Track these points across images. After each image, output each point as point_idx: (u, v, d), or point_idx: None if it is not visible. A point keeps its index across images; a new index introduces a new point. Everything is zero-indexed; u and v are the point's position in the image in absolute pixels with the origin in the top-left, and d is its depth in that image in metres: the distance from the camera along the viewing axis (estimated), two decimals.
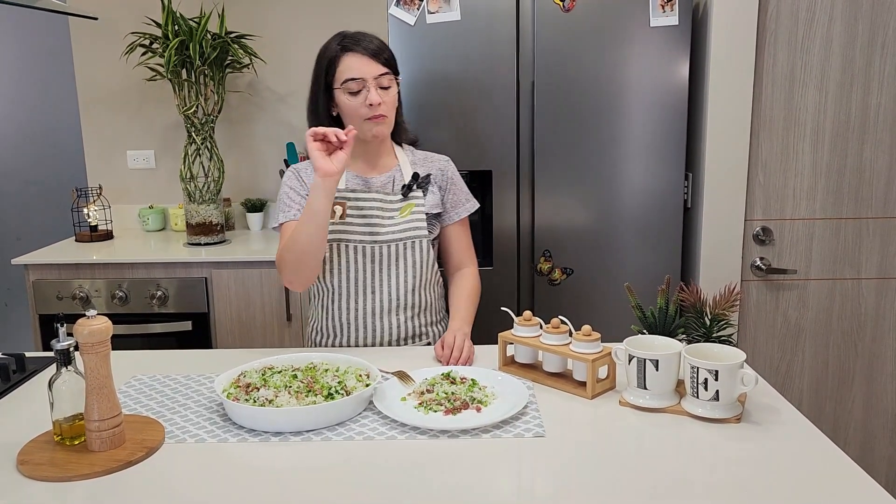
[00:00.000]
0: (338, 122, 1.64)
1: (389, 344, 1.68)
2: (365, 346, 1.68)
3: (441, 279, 1.77)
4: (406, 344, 1.69)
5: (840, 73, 2.18)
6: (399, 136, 1.74)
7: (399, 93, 1.67)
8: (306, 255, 1.53)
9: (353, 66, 1.57)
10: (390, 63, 1.61)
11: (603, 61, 2.16)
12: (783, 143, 2.22)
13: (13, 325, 3.61)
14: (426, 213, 1.68)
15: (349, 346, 1.69)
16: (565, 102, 2.19)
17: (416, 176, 1.67)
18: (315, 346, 1.75)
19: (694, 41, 2.21)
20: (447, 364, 1.47)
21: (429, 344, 1.71)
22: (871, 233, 2.26)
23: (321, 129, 1.46)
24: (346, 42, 1.59)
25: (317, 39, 2.77)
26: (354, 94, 1.58)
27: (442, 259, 1.79)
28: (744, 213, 2.24)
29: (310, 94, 1.66)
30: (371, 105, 1.56)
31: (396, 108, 1.67)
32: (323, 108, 1.64)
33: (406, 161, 1.71)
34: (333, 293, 1.68)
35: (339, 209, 1.64)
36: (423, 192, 1.68)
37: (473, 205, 1.78)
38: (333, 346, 1.71)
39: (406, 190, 1.66)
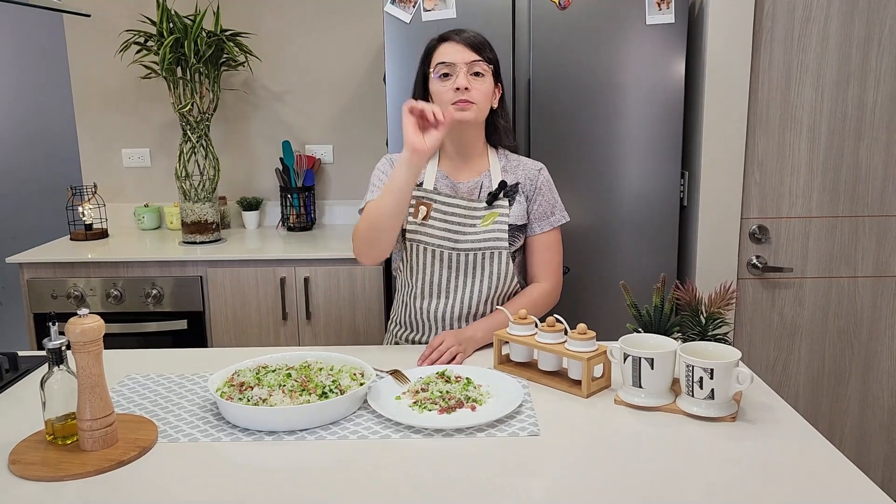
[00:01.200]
0: None
1: None
2: None
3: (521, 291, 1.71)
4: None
5: (836, 71, 2.18)
6: (497, 139, 1.70)
7: (503, 95, 1.67)
8: (380, 227, 1.52)
9: (447, 52, 1.59)
10: (488, 57, 1.61)
11: (599, 59, 2.16)
12: (779, 141, 2.22)
13: (8, 323, 3.59)
14: (509, 224, 1.63)
15: (422, 343, 1.69)
16: (561, 100, 2.19)
17: (503, 184, 1.63)
18: (392, 336, 1.77)
19: (690, 39, 2.21)
20: (420, 363, 1.46)
21: None
22: (868, 231, 2.26)
23: (420, 104, 1.44)
24: (446, 33, 1.62)
25: (312, 37, 2.75)
26: (445, 79, 1.58)
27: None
28: (740, 211, 2.24)
29: (413, 87, 1.68)
30: (458, 89, 1.56)
31: (495, 109, 1.66)
32: (419, 99, 1.63)
33: (497, 166, 1.68)
34: (411, 290, 1.68)
35: (423, 209, 1.63)
36: (510, 201, 1.65)
37: (559, 218, 1.70)
38: (408, 341, 1.73)
39: (491, 198, 1.63)
